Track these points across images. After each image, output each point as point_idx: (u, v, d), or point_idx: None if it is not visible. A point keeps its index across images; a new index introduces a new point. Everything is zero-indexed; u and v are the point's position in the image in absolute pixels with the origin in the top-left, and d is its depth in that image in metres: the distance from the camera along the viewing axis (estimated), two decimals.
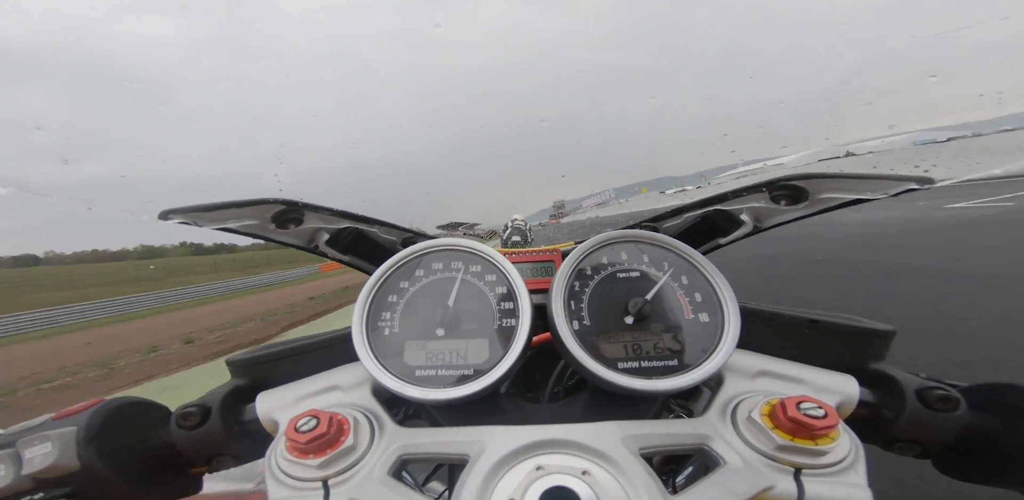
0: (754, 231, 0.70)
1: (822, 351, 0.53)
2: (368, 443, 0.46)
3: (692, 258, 0.54)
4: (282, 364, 0.57)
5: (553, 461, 0.42)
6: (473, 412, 0.50)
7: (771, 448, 0.42)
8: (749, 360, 0.52)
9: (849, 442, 0.42)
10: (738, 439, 0.44)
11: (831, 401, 0.47)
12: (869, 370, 0.52)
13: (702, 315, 0.51)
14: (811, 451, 0.40)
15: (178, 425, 0.51)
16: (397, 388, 0.47)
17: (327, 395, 0.53)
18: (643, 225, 0.74)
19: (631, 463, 0.41)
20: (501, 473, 0.41)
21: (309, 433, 0.42)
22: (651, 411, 0.50)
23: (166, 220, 0.58)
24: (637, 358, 0.48)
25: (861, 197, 0.58)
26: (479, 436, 0.45)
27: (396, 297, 0.54)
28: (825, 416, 0.39)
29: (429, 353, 0.50)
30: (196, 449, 0.52)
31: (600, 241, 0.56)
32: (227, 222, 0.63)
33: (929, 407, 0.46)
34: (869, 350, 0.52)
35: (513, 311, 0.51)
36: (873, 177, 0.55)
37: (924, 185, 0.53)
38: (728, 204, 0.67)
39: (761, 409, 0.44)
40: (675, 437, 0.45)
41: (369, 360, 0.49)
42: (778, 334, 0.55)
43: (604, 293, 0.53)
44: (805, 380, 0.50)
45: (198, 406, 0.52)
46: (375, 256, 0.79)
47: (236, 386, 0.55)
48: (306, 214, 0.67)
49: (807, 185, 0.60)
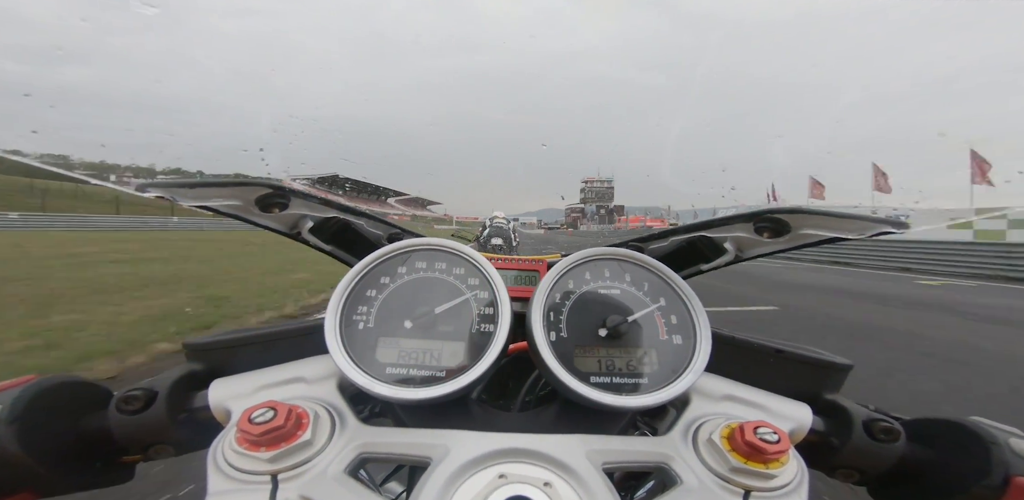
0: (735, 260, 0.72)
1: (783, 379, 0.55)
2: (327, 439, 0.44)
3: (673, 282, 0.56)
4: (244, 351, 0.55)
5: (516, 470, 0.41)
6: (441, 415, 0.50)
7: (726, 470, 0.43)
8: (715, 384, 0.54)
9: (796, 467, 0.44)
10: (696, 460, 0.45)
11: (785, 427, 0.49)
12: (823, 400, 0.54)
13: (676, 337, 0.52)
14: (762, 474, 0.42)
15: (118, 409, 0.48)
16: (365, 384, 0.46)
17: (289, 386, 0.51)
18: (630, 244, 0.75)
19: (593, 477, 0.41)
20: (463, 478, 0.41)
21: (264, 425, 0.40)
22: (618, 427, 0.51)
23: (144, 193, 0.56)
24: (609, 374, 0.49)
25: (839, 236, 0.61)
26: (444, 439, 0.44)
27: (375, 292, 0.53)
28: (778, 441, 0.41)
29: (402, 351, 0.49)
30: (134, 436, 0.48)
31: (585, 256, 0.57)
32: (208, 200, 0.61)
33: (873, 437, 0.49)
34: (826, 381, 0.55)
35: (492, 317, 0.51)
36: (853, 217, 0.57)
37: (899, 229, 0.56)
38: (714, 231, 0.69)
39: (721, 431, 0.45)
40: (638, 454, 0.46)
41: (339, 353, 0.48)
42: (744, 361, 0.57)
43: (584, 308, 0.53)
44: (765, 406, 0.52)
45: (143, 390, 0.49)
46: (359, 249, 0.78)
47: (189, 371, 0.52)
48: (292, 200, 0.65)
49: (791, 219, 0.62)
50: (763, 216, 0.63)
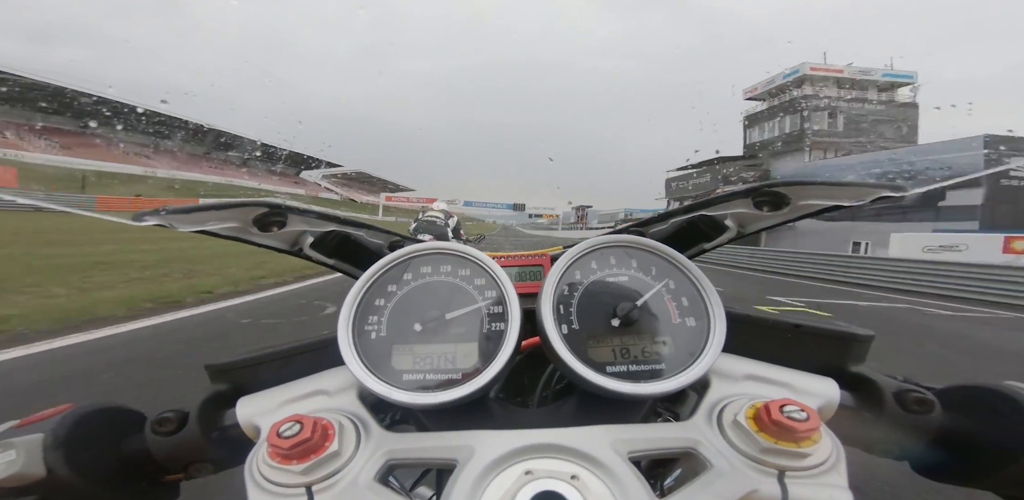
0: (738, 236, 0.71)
1: (804, 355, 0.54)
2: (354, 448, 0.45)
3: (679, 263, 0.55)
4: (264, 369, 0.56)
5: (542, 465, 0.41)
6: (461, 417, 0.50)
7: (756, 451, 0.42)
8: (734, 364, 0.53)
9: (831, 444, 0.43)
10: (724, 442, 0.44)
11: (813, 404, 0.48)
12: (849, 373, 0.53)
13: (688, 319, 0.51)
14: (794, 453, 0.41)
15: (153, 431, 0.50)
16: (384, 392, 0.46)
17: (311, 400, 0.52)
18: (630, 229, 0.74)
19: (620, 467, 0.41)
20: (490, 478, 0.41)
21: (292, 438, 0.41)
22: (639, 415, 0.50)
23: (140, 222, 0.57)
24: (625, 362, 0.49)
25: (839, 204, 0.60)
26: (467, 440, 0.45)
27: (383, 301, 0.53)
28: (807, 419, 0.40)
29: (417, 357, 0.49)
30: (172, 456, 0.50)
31: (589, 246, 0.57)
32: (205, 225, 0.62)
33: (906, 409, 0.48)
34: (849, 354, 0.54)
35: (502, 315, 0.51)
36: (851, 184, 0.57)
37: (897, 193, 0.55)
38: (713, 209, 0.69)
39: (746, 412, 0.45)
40: (663, 441, 0.45)
41: (356, 364, 0.48)
42: (762, 338, 0.56)
43: (593, 298, 0.53)
44: (788, 383, 0.51)
45: (175, 412, 0.51)
46: (362, 260, 0.78)
47: (215, 392, 0.54)
48: (290, 217, 0.66)
49: (788, 191, 0.61)
50: (761, 191, 0.62)
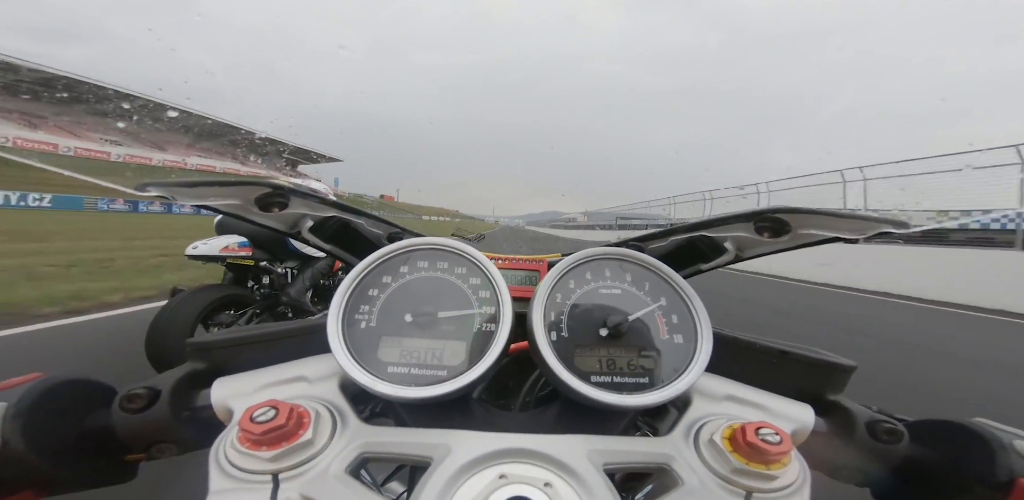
0: (735, 260, 0.72)
1: (786, 380, 0.55)
2: (328, 438, 0.44)
3: (673, 281, 0.56)
4: (246, 350, 0.55)
5: (517, 470, 0.41)
6: (442, 414, 0.50)
7: (727, 471, 0.43)
8: (717, 384, 0.54)
9: (799, 468, 0.44)
10: (698, 460, 0.45)
11: (787, 428, 0.49)
12: (826, 401, 0.54)
13: (677, 336, 0.52)
14: (763, 475, 0.41)
15: (121, 407, 0.48)
16: (367, 383, 0.46)
17: (291, 385, 0.51)
18: (630, 243, 0.75)
19: (594, 478, 0.41)
20: (463, 478, 0.40)
21: (265, 424, 0.40)
22: (619, 427, 0.51)
23: (143, 192, 0.56)
24: (610, 373, 0.49)
25: (839, 236, 0.60)
26: (445, 439, 0.44)
27: (377, 291, 0.53)
28: (780, 442, 0.41)
29: (404, 350, 0.49)
30: (137, 435, 0.48)
31: (586, 256, 0.57)
32: (207, 200, 0.61)
33: (876, 439, 0.49)
34: (830, 382, 0.55)
35: (494, 316, 0.51)
36: (854, 217, 0.57)
37: (900, 229, 0.56)
38: (714, 230, 0.69)
39: (723, 432, 0.45)
40: (639, 455, 0.46)
41: (341, 352, 0.48)
42: (747, 361, 0.56)
43: (584, 307, 0.53)
44: (766, 406, 0.52)
45: (146, 388, 0.49)
46: (359, 248, 0.78)
47: (192, 370, 0.52)
48: (292, 199, 0.65)
49: (791, 219, 0.62)
50: (763, 215, 0.63)
